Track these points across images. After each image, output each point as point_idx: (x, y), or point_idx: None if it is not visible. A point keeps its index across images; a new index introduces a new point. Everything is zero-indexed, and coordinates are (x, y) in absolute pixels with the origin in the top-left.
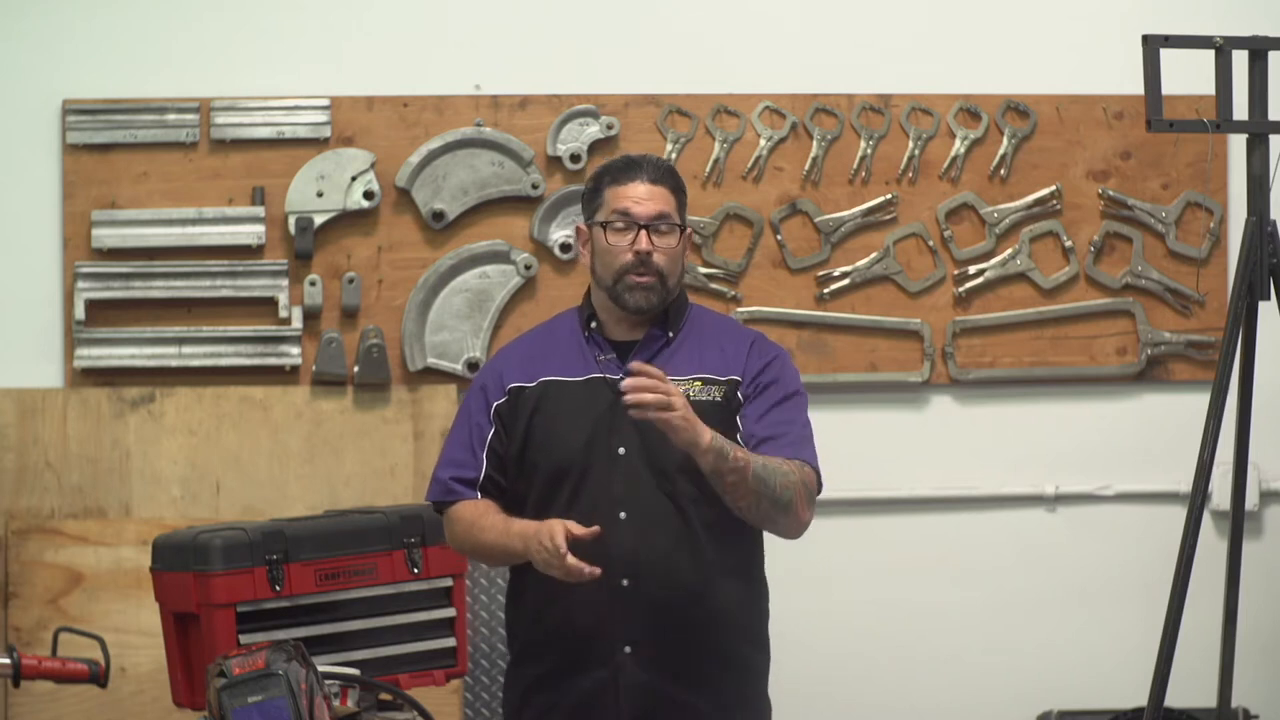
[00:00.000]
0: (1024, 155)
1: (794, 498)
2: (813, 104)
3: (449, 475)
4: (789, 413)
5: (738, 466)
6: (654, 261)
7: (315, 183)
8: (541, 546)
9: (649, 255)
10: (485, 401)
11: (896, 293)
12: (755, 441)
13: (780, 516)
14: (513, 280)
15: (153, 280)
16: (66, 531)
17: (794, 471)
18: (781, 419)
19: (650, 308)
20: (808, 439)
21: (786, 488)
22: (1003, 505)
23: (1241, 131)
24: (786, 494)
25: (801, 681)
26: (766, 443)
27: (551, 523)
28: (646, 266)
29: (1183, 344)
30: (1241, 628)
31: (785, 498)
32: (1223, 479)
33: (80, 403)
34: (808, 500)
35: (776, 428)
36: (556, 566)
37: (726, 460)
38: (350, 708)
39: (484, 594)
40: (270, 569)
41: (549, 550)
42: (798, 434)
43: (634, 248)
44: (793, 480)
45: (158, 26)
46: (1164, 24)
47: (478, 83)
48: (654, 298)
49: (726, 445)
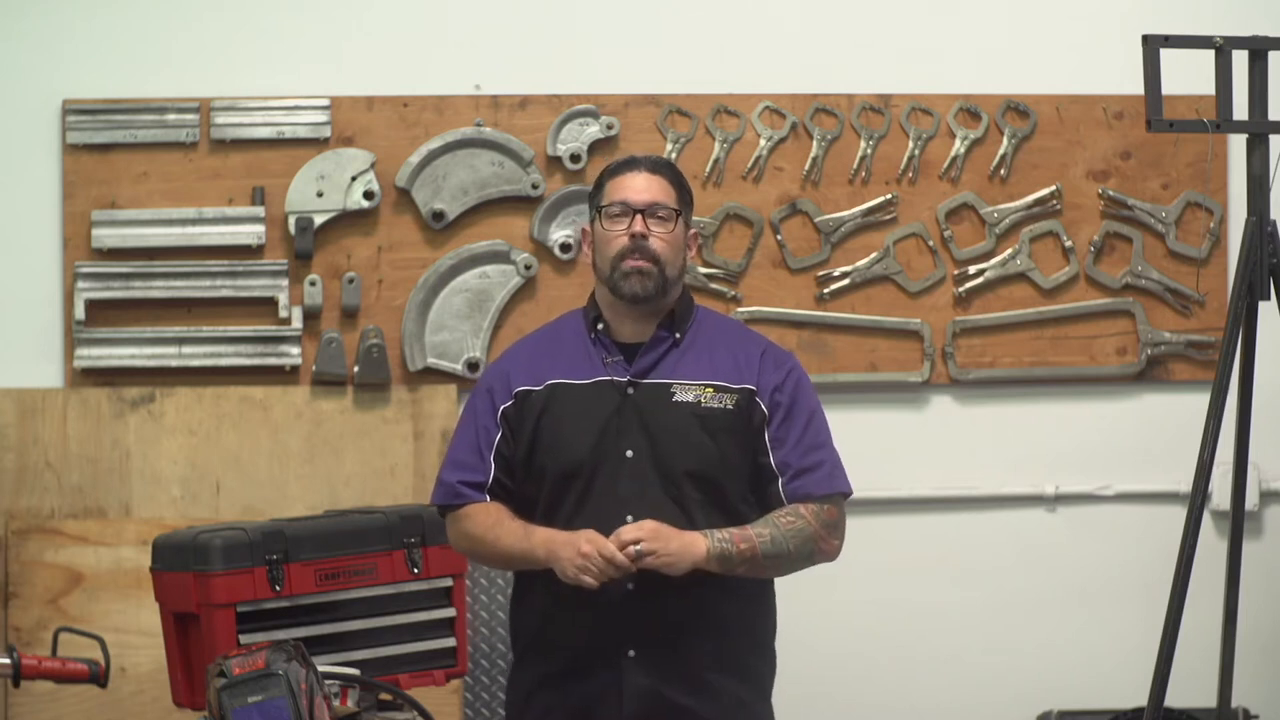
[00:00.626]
0: (1024, 155)
1: (814, 548)
2: (813, 104)
3: (456, 478)
4: (819, 436)
5: (746, 558)
6: (650, 246)
7: (315, 183)
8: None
9: (644, 239)
10: (492, 404)
11: (896, 293)
12: (791, 473)
13: (806, 564)
14: (513, 280)
15: (153, 280)
16: (66, 531)
17: (806, 522)
18: (814, 445)
19: (647, 294)
20: (837, 464)
21: (803, 544)
22: (1003, 505)
23: (1241, 131)
24: (805, 549)
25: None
26: (803, 475)
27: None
28: (642, 252)
29: (1183, 344)
30: (1241, 628)
31: (804, 552)
32: (1223, 479)
33: (80, 403)
34: (831, 534)
35: (808, 457)
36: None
37: (733, 560)
38: (350, 708)
39: (484, 594)
40: (270, 569)
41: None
42: (830, 462)
43: (629, 231)
44: (807, 533)
45: (158, 26)
46: (1164, 24)
47: (478, 83)
48: (650, 284)
49: (728, 544)
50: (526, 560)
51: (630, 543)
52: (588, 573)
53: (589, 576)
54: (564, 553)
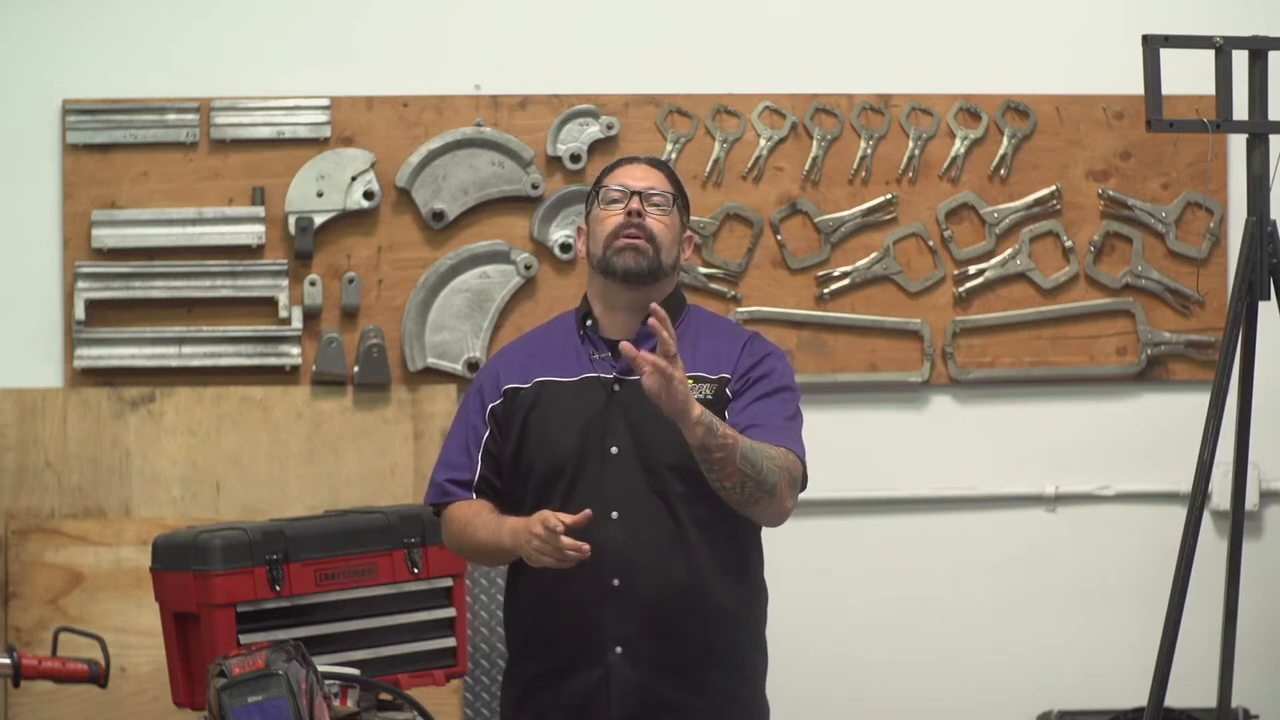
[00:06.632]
0: (1024, 155)
1: (779, 483)
2: (813, 104)
3: (444, 477)
4: (775, 405)
5: (726, 443)
6: (645, 224)
7: (315, 183)
8: (532, 535)
9: (640, 216)
10: (481, 403)
11: (896, 293)
12: (742, 428)
13: (765, 499)
14: (513, 280)
15: (153, 280)
16: (66, 531)
17: (780, 457)
18: (766, 409)
19: (640, 270)
20: (794, 430)
21: (773, 471)
22: (1003, 505)
23: (1241, 131)
24: (772, 478)
25: (801, 681)
26: (749, 430)
27: (539, 513)
28: (638, 228)
29: (1183, 344)
30: (1241, 628)
31: (771, 481)
32: (1223, 479)
33: (80, 403)
34: (790, 487)
35: (759, 417)
36: (550, 552)
37: (715, 436)
38: (350, 708)
39: (484, 594)
40: (270, 569)
41: (541, 536)
42: (782, 424)
43: (626, 209)
44: (779, 465)
45: (158, 26)
46: (1164, 24)
47: (478, 83)
48: (644, 261)
49: (715, 421)
50: (500, 551)
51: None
52: (546, 554)
53: (547, 558)
54: (522, 538)
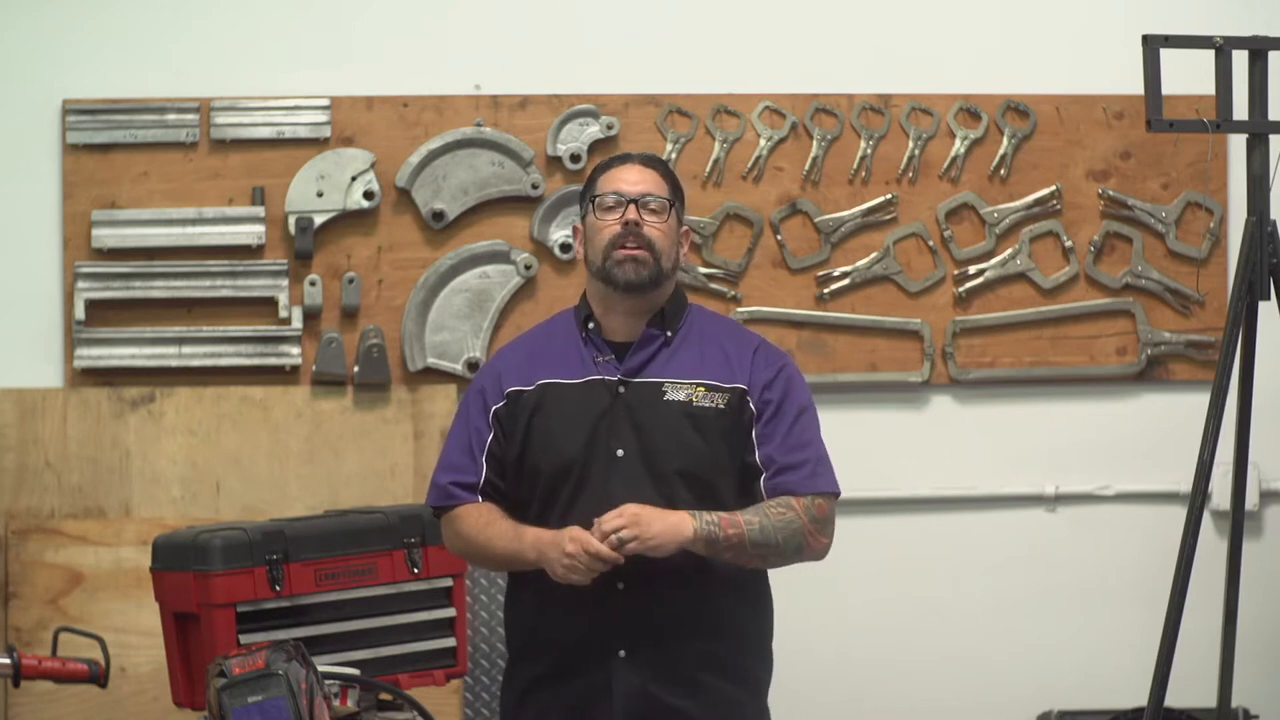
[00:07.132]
0: (1024, 155)
1: (802, 541)
2: (813, 104)
3: (448, 480)
4: (805, 433)
5: (733, 543)
6: (644, 234)
7: (315, 183)
8: (564, 554)
9: (637, 226)
10: (484, 405)
11: (896, 293)
12: (775, 469)
13: (793, 559)
14: (513, 280)
15: (153, 280)
16: (66, 531)
17: (796, 515)
18: (800, 443)
19: (641, 281)
20: (824, 460)
21: (790, 536)
22: (1003, 505)
23: (1241, 131)
24: (792, 542)
25: (801, 681)
26: (786, 472)
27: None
28: (636, 238)
29: (1183, 344)
30: (1241, 628)
31: (792, 545)
32: (1223, 479)
33: (80, 403)
34: (819, 530)
35: (794, 454)
36: (583, 572)
37: (719, 543)
38: (350, 708)
39: (484, 594)
40: (270, 569)
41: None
42: (815, 459)
43: (623, 219)
44: (795, 526)
45: (158, 26)
46: (1164, 24)
47: (478, 83)
48: (645, 271)
49: (715, 528)
50: (518, 561)
51: (612, 531)
52: (575, 571)
53: (577, 575)
54: (551, 553)
